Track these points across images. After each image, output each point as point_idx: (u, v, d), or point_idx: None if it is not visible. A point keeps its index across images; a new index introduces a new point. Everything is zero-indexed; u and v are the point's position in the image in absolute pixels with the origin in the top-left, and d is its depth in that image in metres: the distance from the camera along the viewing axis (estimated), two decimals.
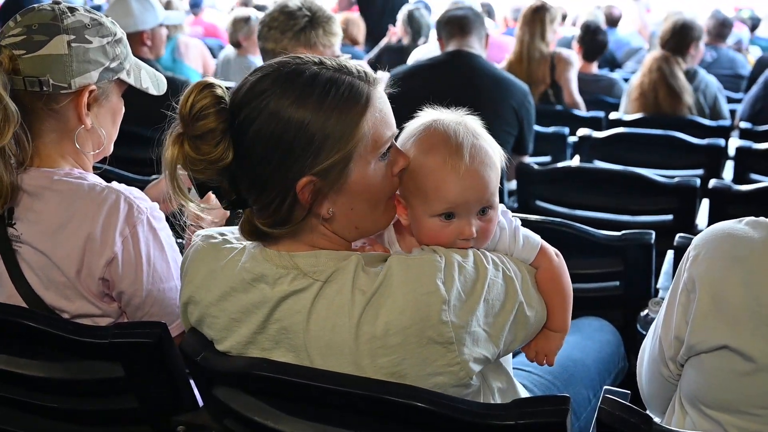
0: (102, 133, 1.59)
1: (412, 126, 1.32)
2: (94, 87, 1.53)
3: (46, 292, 1.48)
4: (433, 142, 1.27)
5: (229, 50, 5.47)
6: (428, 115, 1.33)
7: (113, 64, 1.56)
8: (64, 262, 1.46)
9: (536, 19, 4.42)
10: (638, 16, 8.78)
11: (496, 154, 1.30)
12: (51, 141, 1.54)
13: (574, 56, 4.68)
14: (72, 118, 1.54)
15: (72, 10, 1.53)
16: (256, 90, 1.20)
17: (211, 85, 1.21)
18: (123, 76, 1.60)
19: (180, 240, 1.85)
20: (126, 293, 1.50)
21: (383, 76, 1.27)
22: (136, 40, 3.39)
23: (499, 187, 1.31)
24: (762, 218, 1.28)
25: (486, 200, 1.27)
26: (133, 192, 1.52)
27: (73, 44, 1.49)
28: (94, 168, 1.64)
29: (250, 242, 1.28)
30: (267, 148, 1.18)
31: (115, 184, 1.53)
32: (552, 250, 1.37)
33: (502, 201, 1.43)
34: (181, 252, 1.63)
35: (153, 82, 1.70)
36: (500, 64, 4.56)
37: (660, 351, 1.36)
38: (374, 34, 6.95)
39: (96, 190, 1.50)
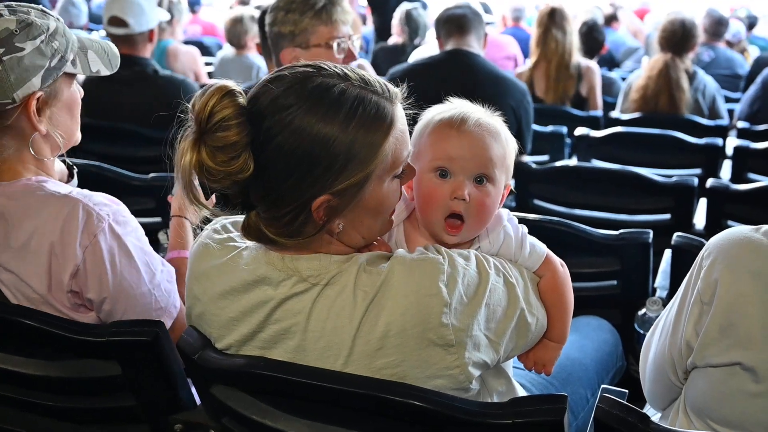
0: (57, 136, 1.52)
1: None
2: (40, 93, 1.46)
3: None
4: (448, 114, 1.34)
5: (227, 49, 5.46)
6: (457, 103, 1.38)
7: (54, 62, 1.47)
8: (34, 279, 1.43)
9: (565, 23, 4.37)
10: (629, 21, 8.75)
11: (508, 139, 1.35)
12: (9, 155, 1.49)
13: (596, 65, 4.66)
14: (26, 127, 1.48)
15: None
16: (280, 103, 1.16)
17: (231, 93, 1.16)
18: (68, 68, 1.51)
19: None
20: (95, 301, 1.47)
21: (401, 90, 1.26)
22: (145, 37, 3.36)
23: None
24: None
25: (483, 166, 1.30)
26: (93, 198, 1.46)
27: (4, 58, 1.40)
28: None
29: (254, 242, 1.27)
30: (288, 164, 1.16)
31: (75, 191, 1.48)
32: (557, 261, 1.37)
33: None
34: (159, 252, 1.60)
35: (104, 61, 1.60)
36: (521, 68, 4.53)
37: (669, 358, 1.34)
38: (388, 33, 6.90)
39: (52, 200, 1.44)
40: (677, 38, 4.12)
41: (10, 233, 1.44)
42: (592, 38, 5.18)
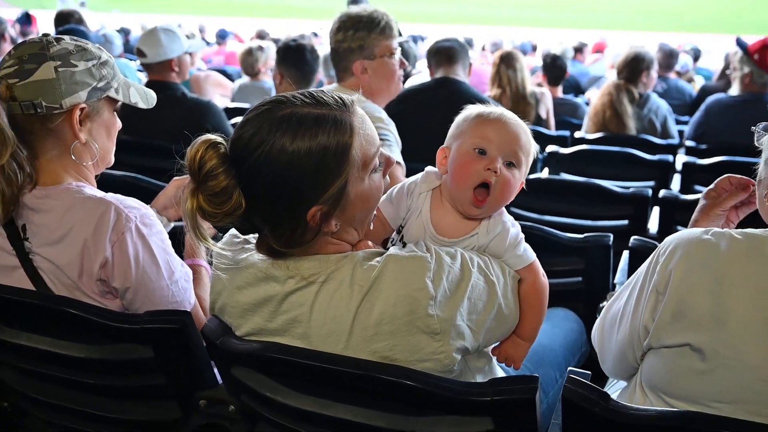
0: (95, 146, 1.56)
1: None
2: (84, 105, 1.51)
3: (59, 294, 1.47)
4: (491, 109, 1.41)
5: (245, 77, 5.46)
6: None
7: (100, 84, 1.54)
8: (68, 267, 1.45)
9: (515, 62, 4.48)
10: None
11: (532, 142, 1.40)
12: (52, 157, 1.52)
13: (548, 92, 4.81)
14: (68, 134, 1.52)
15: (58, 39, 1.51)
16: (253, 143, 1.16)
17: (215, 145, 1.17)
18: (111, 93, 1.57)
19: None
20: (119, 289, 1.48)
21: (357, 96, 1.26)
22: (166, 66, 3.38)
23: None
24: (725, 230, 1.24)
25: (514, 152, 1.35)
26: (124, 201, 1.49)
27: (59, 69, 1.47)
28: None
29: None
30: (275, 192, 1.17)
31: (110, 195, 1.50)
32: (542, 271, 1.38)
33: None
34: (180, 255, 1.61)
35: (142, 98, 1.68)
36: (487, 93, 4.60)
37: (630, 342, 1.33)
38: None
39: (89, 202, 1.47)
40: (629, 67, 4.22)
41: (51, 228, 1.46)
42: (556, 67, 5.25)
